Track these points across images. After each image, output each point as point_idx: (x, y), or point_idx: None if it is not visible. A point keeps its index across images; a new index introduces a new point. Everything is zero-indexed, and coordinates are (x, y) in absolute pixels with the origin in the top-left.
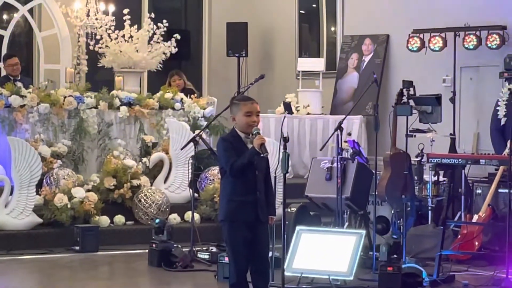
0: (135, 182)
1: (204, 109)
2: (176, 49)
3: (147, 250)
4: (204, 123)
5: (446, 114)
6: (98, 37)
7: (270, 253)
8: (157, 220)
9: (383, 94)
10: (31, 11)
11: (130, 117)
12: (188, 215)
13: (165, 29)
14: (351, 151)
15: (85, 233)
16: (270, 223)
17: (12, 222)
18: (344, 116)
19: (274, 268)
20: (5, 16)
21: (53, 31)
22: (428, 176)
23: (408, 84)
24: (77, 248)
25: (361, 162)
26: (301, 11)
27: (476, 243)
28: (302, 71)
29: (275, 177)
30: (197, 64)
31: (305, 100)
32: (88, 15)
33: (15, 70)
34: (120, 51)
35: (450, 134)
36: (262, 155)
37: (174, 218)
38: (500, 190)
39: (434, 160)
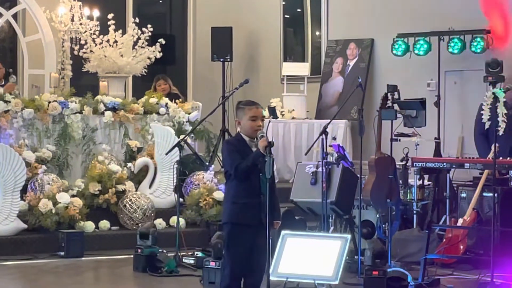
0: (120, 187)
1: (189, 113)
2: (161, 53)
3: (132, 255)
4: (189, 128)
5: (431, 118)
6: (82, 42)
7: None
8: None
9: (368, 98)
10: (15, 16)
11: (115, 122)
12: (173, 220)
13: (149, 33)
14: (336, 155)
15: (70, 238)
16: (275, 227)
17: None
18: (329, 120)
19: None
20: None
21: (38, 36)
22: (413, 180)
23: (393, 88)
24: (62, 253)
25: (346, 166)
26: (285, 16)
27: (461, 247)
28: (287, 76)
29: None
30: (182, 69)
31: (290, 104)
32: (72, 20)
33: None
34: (105, 56)
35: (435, 138)
36: (267, 157)
37: (159, 223)
38: (484, 194)
39: (418, 164)
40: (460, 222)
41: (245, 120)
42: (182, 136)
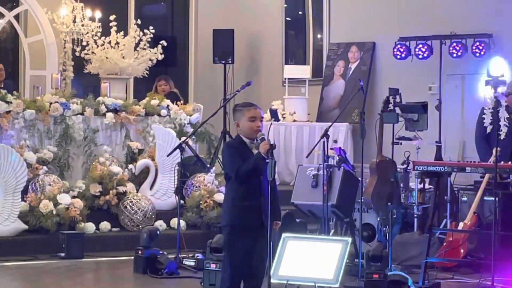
0: (121, 188)
1: (190, 115)
2: (163, 55)
3: (132, 257)
4: (190, 130)
5: (432, 122)
6: (84, 43)
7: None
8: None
9: (369, 102)
10: (17, 17)
11: (116, 124)
12: (174, 222)
13: (151, 35)
14: (337, 158)
15: (70, 239)
16: (274, 228)
17: None
18: (330, 123)
19: None
20: None
21: (39, 37)
22: (414, 184)
23: (394, 91)
24: (63, 254)
25: (347, 169)
26: (287, 18)
27: (462, 251)
28: (289, 78)
29: None
30: (184, 71)
31: (291, 107)
32: (74, 21)
33: (1, 75)
34: (106, 58)
35: (436, 142)
36: (268, 161)
37: (160, 225)
38: (485, 198)
39: (420, 168)
40: (460, 226)
41: (244, 122)
42: (183, 138)
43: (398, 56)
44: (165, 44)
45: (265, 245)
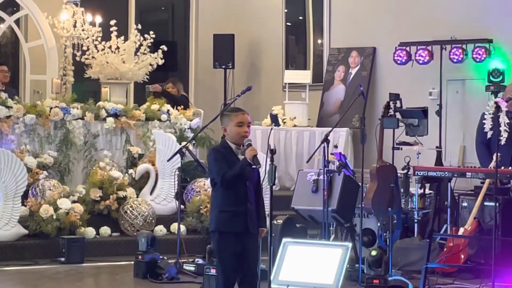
0: (121, 193)
1: (191, 120)
2: (163, 60)
3: (132, 262)
4: (191, 135)
5: (432, 127)
6: (84, 48)
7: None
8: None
9: (369, 107)
10: (17, 21)
11: (117, 128)
12: (174, 226)
13: (152, 40)
14: (338, 163)
15: (70, 244)
16: (260, 235)
17: None
18: (330, 128)
19: (261, 280)
20: None
21: (40, 42)
22: (414, 189)
23: (395, 96)
24: (63, 259)
25: (347, 174)
26: (288, 23)
27: (462, 256)
28: (289, 83)
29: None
30: (184, 76)
31: (291, 112)
32: (74, 26)
33: (6, 77)
34: (107, 62)
35: (436, 147)
36: (254, 166)
37: (160, 229)
38: (486, 203)
39: (420, 173)
40: (461, 231)
41: (231, 127)
42: (183, 143)
43: (399, 61)
44: (165, 49)
45: (255, 249)
